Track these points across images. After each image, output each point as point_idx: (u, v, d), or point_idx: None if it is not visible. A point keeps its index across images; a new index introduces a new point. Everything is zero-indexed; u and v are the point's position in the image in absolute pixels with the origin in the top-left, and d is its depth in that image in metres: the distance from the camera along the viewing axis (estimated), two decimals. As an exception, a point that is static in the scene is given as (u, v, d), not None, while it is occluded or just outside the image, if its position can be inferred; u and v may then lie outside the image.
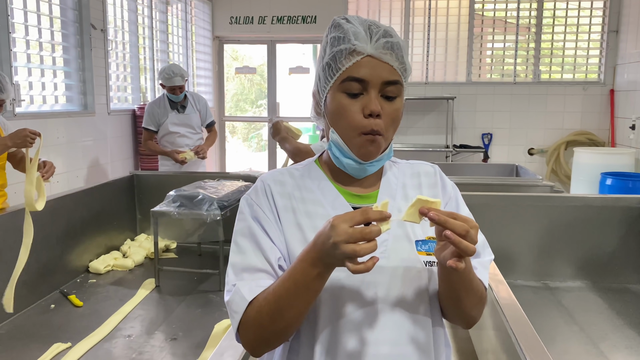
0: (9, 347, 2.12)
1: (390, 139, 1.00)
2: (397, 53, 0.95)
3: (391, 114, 0.96)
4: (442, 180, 1.10)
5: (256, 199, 1.01)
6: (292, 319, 0.89)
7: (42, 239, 2.56)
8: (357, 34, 0.95)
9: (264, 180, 1.04)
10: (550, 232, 2.70)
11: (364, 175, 1.02)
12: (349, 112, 0.95)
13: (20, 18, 3.45)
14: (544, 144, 6.14)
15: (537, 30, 6.12)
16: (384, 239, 0.96)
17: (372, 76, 0.93)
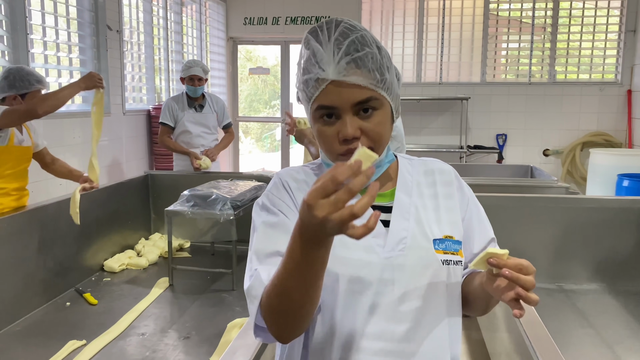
0: (26, 343, 2.15)
1: (381, 148, 0.96)
2: (365, 70, 0.90)
3: (371, 131, 0.92)
4: (458, 180, 1.09)
5: (277, 193, 1.02)
6: (300, 300, 0.83)
7: (59, 238, 2.60)
8: (320, 56, 0.91)
9: (281, 176, 1.05)
10: (565, 234, 2.67)
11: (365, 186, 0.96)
12: (325, 138, 0.94)
13: (38, 20, 3.50)
14: (560, 145, 6.08)
15: (552, 30, 6.06)
16: (402, 236, 0.97)
17: (340, 101, 0.91)
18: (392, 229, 0.98)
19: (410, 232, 0.98)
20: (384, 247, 0.96)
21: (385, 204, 1.01)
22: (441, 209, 1.03)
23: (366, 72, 0.91)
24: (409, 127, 6.31)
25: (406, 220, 0.99)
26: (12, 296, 2.31)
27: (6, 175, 2.50)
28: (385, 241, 0.97)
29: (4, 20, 3.21)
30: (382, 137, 0.95)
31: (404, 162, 1.09)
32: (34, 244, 2.48)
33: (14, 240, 2.35)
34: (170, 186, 3.53)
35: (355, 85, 0.90)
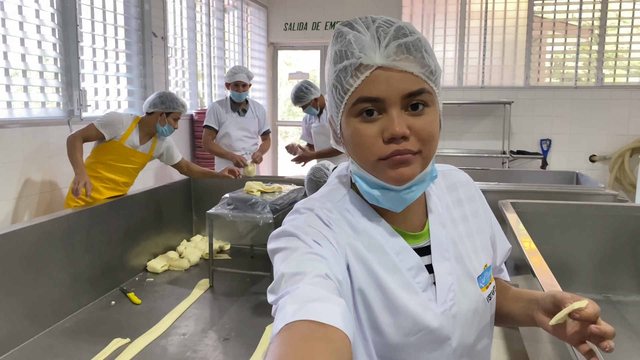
0: (74, 339, 2.23)
1: (430, 156, 0.80)
2: (416, 55, 0.76)
3: (422, 130, 0.77)
4: (477, 189, 0.98)
5: (316, 225, 0.80)
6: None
7: (105, 238, 2.69)
8: (361, 42, 0.76)
9: (318, 214, 0.82)
10: (613, 243, 2.58)
11: (402, 207, 0.82)
12: (365, 138, 0.77)
13: (87, 27, 3.64)
14: (607, 151, 5.88)
15: (600, 32, 5.87)
16: (451, 282, 0.85)
17: (387, 92, 0.75)
18: (438, 276, 0.85)
19: (454, 274, 0.86)
20: (436, 300, 0.83)
21: (422, 244, 0.87)
22: (474, 234, 0.93)
23: (420, 59, 0.76)
24: (449, 131, 6.24)
25: (447, 260, 0.87)
26: (62, 294, 2.40)
27: (106, 163, 2.93)
28: (435, 293, 0.84)
29: (57, 28, 3.35)
30: (434, 139, 0.79)
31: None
32: (82, 244, 2.57)
33: (65, 240, 2.45)
34: (212, 189, 3.60)
35: (406, 73, 0.75)
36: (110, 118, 2.91)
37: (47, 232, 2.34)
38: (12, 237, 2.14)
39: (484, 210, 0.98)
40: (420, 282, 0.83)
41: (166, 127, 3.09)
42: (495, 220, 1.01)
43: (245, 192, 2.97)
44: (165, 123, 3.07)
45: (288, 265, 0.73)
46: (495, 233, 0.99)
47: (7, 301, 2.09)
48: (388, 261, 0.82)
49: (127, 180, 3.05)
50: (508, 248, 1.03)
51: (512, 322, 0.98)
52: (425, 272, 0.84)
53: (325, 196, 0.87)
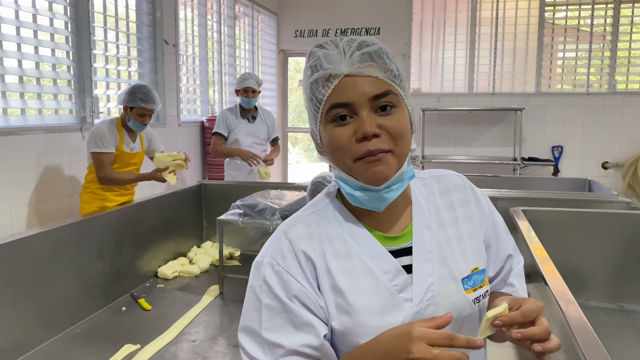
0: (85, 345, 2.24)
1: (403, 155, 0.86)
2: (378, 61, 0.85)
3: (392, 128, 0.83)
4: (474, 193, 1.00)
5: (285, 266, 0.85)
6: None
7: (116, 245, 2.70)
8: (328, 56, 0.85)
9: (290, 239, 0.88)
10: (626, 251, 2.55)
11: (384, 205, 0.87)
12: (340, 140, 0.84)
13: (100, 35, 3.68)
14: (620, 158, 5.82)
15: (612, 37, 5.83)
16: (430, 282, 0.88)
17: (355, 96, 0.82)
18: (416, 276, 0.88)
19: (436, 275, 0.88)
20: (412, 300, 0.86)
21: (404, 245, 0.90)
22: (464, 237, 0.94)
23: (382, 64, 0.85)
24: (460, 138, 6.22)
25: (429, 261, 0.89)
26: (73, 300, 2.42)
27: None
28: (412, 293, 0.87)
29: (70, 37, 3.40)
30: (404, 136, 0.85)
31: (416, 184, 0.97)
32: (93, 250, 2.59)
33: (76, 245, 2.47)
34: (222, 195, 3.61)
35: (372, 77, 0.83)
36: (100, 134, 2.86)
37: (58, 239, 2.36)
38: (24, 244, 2.16)
39: (482, 215, 0.98)
40: (398, 284, 0.87)
41: (132, 123, 2.96)
42: (495, 224, 1.01)
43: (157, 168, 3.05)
44: (130, 118, 2.95)
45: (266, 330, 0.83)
46: (491, 237, 0.99)
47: (18, 307, 2.11)
48: (362, 266, 0.87)
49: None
50: (506, 255, 1.01)
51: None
52: (403, 274, 0.87)
53: (309, 207, 0.94)
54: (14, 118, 3.01)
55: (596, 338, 1.37)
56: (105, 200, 2.96)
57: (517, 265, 1.03)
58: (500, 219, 1.02)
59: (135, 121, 2.95)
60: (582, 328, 1.42)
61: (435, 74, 6.40)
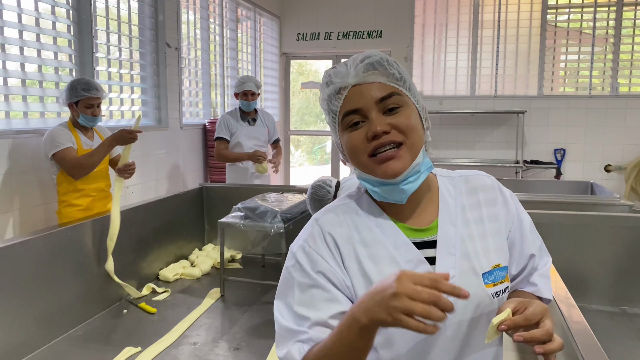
0: (85, 347, 2.24)
1: (416, 145, 0.93)
2: (381, 69, 0.94)
3: (401, 123, 0.92)
4: (502, 194, 1.05)
5: (315, 247, 0.95)
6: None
7: (117, 247, 2.70)
8: (337, 73, 0.95)
9: (321, 225, 0.98)
10: (628, 254, 2.53)
11: (405, 197, 0.95)
12: (355, 142, 0.93)
13: (103, 39, 3.69)
14: (623, 161, 5.80)
15: (615, 40, 5.83)
16: (452, 275, 0.93)
17: (363, 101, 0.92)
18: (438, 268, 0.94)
19: (458, 268, 0.94)
20: None
21: (429, 238, 0.97)
22: (488, 235, 0.99)
23: (383, 71, 0.94)
24: (462, 140, 6.21)
25: (452, 255, 0.95)
26: (74, 302, 2.42)
27: (83, 177, 2.80)
28: None
29: (73, 40, 3.41)
30: (414, 130, 0.93)
31: (445, 183, 1.04)
32: (94, 253, 2.59)
33: (77, 248, 2.47)
34: (224, 198, 3.61)
35: (376, 83, 0.93)
36: (52, 136, 2.72)
37: (60, 241, 2.36)
38: (26, 246, 2.17)
39: (507, 215, 1.03)
40: (420, 270, 0.91)
41: (82, 119, 2.81)
42: (521, 224, 1.05)
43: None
44: (79, 114, 2.80)
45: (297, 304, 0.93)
46: (515, 237, 1.03)
47: (20, 309, 2.11)
48: (386, 254, 0.95)
49: (108, 182, 3.00)
50: (529, 254, 1.04)
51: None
52: (425, 264, 0.94)
53: (341, 199, 1.04)
54: (16, 121, 3.02)
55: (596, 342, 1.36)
56: (87, 209, 2.83)
57: (543, 265, 1.07)
58: (527, 220, 1.06)
59: (84, 115, 2.79)
60: (583, 332, 1.41)
61: (438, 77, 6.40)
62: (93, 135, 2.94)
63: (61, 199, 2.82)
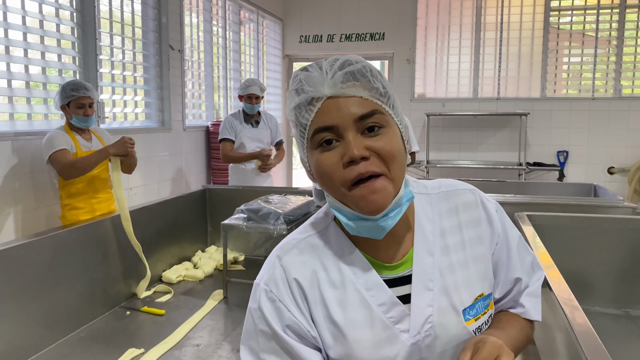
0: (89, 349, 2.24)
1: (398, 178, 0.80)
2: (361, 80, 0.80)
3: (381, 149, 0.78)
4: (486, 209, 0.93)
5: (279, 296, 0.84)
6: None
7: (121, 249, 2.71)
8: (310, 79, 0.80)
9: (284, 266, 0.87)
10: (633, 257, 2.53)
11: (383, 233, 0.82)
12: (327, 167, 0.79)
13: (106, 41, 3.71)
14: (626, 163, 5.79)
15: (618, 42, 5.82)
16: (429, 313, 0.84)
17: (340, 118, 0.78)
18: (414, 307, 0.85)
19: (436, 306, 0.85)
20: (409, 331, 0.84)
21: (404, 273, 0.87)
22: (470, 263, 0.89)
23: (366, 83, 0.80)
24: (465, 142, 6.21)
25: (430, 290, 0.86)
26: (78, 303, 2.42)
27: (86, 179, 2.80)
28: (409, 324, 0.84)
29: (77, 42, 3.42)
30: (396, 158, 0.79)
31: (422, 203, 0.91)
32: (98, 254, 2.59)
33: (81, 250, 2.48)
34: (227, 200, 3.61)
35: (356, 97, 0.79)
36: (50, 139, 2.72)
37: (63, 243, 2.37)
38: (30, 248, 2.17)
39: (492, 233, 0.92)
40: (393, 316, 0.84)
41: (75, 120, 2.79)
42: (508, 244, 0.95)
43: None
44: (72, 115, 2.79)
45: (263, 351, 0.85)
46: (504, 259, 0.94)
47: (23, 310, 2.12)
48: (357, 297, 0.84)
49: (109, 182, 2.98)
50: (513, 279, 0.95)
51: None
52: (399, 306, 0.85)
53: (306, 230, 0.92)
54: (20, 123, 3.04)
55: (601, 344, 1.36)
56: (91, 211, 2.83)
57: (534, 282, 0.98)
58: (515, 237, 0.96)
59: (77, 116, 2.78)
60: (587, 334, 1.41)
61: (440, 79, 6.40)
62: (91, 137, 2.93)
63: (64, 203, 2.81)
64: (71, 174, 2.71)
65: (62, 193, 2.80)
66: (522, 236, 1.01)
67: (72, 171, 2.70)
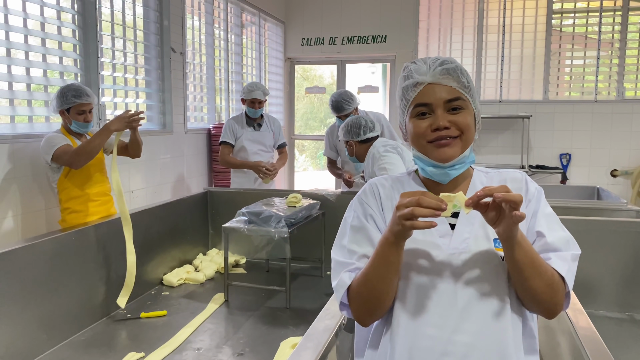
0: (89, 352, 2.23)
1: (468, 141, 1.15)
2: (454, 75, 1.14)
3: (460, 121, 1.13)
4: (527, 184, 1.22)
5: (366, 199, 1.23)
6: (382, 289, 1.10)
7: (121, 252, 2.70)
8: (418, 69, 1.15)
9: (372, 183, 1.26)
10: (636, 260, 2.51)
11: (448, 178, 1.17)
12: (420, 128, 1.14)
13: (108, 43, 3.70)
14: (629, 166, 5.77)
15: (621, 45, 5.80)
16: (465, 237, 1.14)
17: (434, 98, 1.13)
18: (456, 231, 1.15)
19: (473, 233, 1.14)
20: (449, 245, 1.14)
21: (455, 210, 1.10)
22: None
23: (456, 78, 1.14)
24: (467, 146, 6.20)
25: (471, 224, 1.15)
26: (78, 307, 2.42)
27: (82, 182, 2.77)
28: (450, 240, 1.14)
29: (78, 45, 3.42)
30: (469, 129, 1.14)
31: (479, 174, 1.25)
32: (98, 258, 2.58)
33: (82, 253, 2.47)
34: (228, 203, 3.61)
35: (447, 86, 1.13)
36: (52, 138, 2.71)
37: (63, 246, 2.36)
38: (30, 250, 2.16)
39: (528, 201, 1.19)
40: (440, 230, 1.15)
41: (74, 125, 2.78)
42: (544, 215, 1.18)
43: None
44: (71, 121, 2.77)
45: (349, 241, 1.21)
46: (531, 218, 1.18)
47: (24, 314, 2.11)
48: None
49: (107, 185, 2.97)
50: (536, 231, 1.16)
51: (512, 264, 1.08)
52: (445, 225, 1.16)
53: (396, 174, 1.31)
54: (21, 125, 3.03)
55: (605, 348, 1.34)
56: (91, 214, 2.80)
57: (566, 250, 1.15)
58: (547, 212, 1.19)
59: (76, 122, 2.76)
60: (592, 338, 1.40)
61: (442, 82, 6.38)
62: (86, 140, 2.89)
63: (64, 207, 2.80)
64: (81, 160, 2.67)
65: (62, 197, 2.79)
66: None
67: (81, 157, 2.66)
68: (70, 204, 2.78)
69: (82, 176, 2.80)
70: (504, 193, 0.97)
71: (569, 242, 1.16)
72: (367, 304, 1.12)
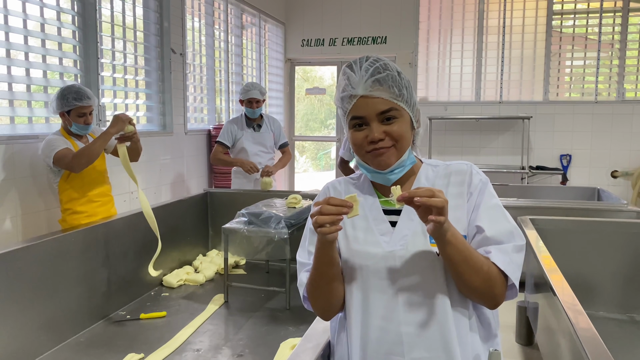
0: (88, 353, 2.23)
1: (403, 148, 1.19)
2: (386, 86, 1.16)
3: (394, 132, 1.17)
4: (471, 177, 1.24)
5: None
6: (324, 287, 1.21)
7: (122, 253, 2.70)
8: (351, 79, 1.17)
9: (327, 186, 1.35)
10: (637, 261, 2.50)
11: (389, 182, 1.21)
12: (357, 140, 1.19)
13: (108, 44, 3.70)
14: (629, 166, 5.77)
15: (621, 46, 5.80)
16: (404, 234, 1.20)
17: (367, 112, 1.16)
18: (397, 229, 1.21)
19: (412, 230, 1.19)
20: (389, 243, 1.20)
21: (398, 207, 1.22)
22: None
23: (387, 88, 1.16)
24: (467, 146, 6.19)
25: (411, 220, 1.20)
26: (78, 308, 2.41)
27: (81, 184, 2.77)
28: (391, 238, 1.20)
29: (78, 46, 3.42)
30: (403, 138, 1.18)
31: (427, 169, 1.28)
32: (99, 259, 2.58)
33: (82, 254, 2.47)
34: (228, 204, 3.60)
35: (379, 98, 1.15)
36: (52, 140, 2.71)
37: (64, 246, 2.36)
38: (30, 251, 2.16)
39: (469, 194, 1.22)
40: (381, 229, 1.22)
41: (74, 127, 2.78)
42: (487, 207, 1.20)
43: None
44: (71, 123, 2.76)
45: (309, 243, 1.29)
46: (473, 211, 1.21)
47: (23, 315, 2.10)
48: (362, 212, 1.23)
49: (108, 186, 2.98)
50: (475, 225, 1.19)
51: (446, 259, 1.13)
52: (386, 224, 1.23)
53: (348, 177, 1.36)
54: (21, 126, 3.03)
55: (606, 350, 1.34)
56: (92, 215, 2.81)
57: (507, 242, 1.17)
58: (491, 203, 1.21)
59: (77, 124, 2.76)
60: (592, 339, 1.39)
61: (442, 83, 6.39)
62: (88, 140, 2.90)
63: (65, 207, 2.80)
64: (81, 164, 2.66)
65: (63, 197, 2.79)
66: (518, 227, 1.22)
67: (82, 160, 2.65)
68: (71, 205, 2.78)
69: (83, 177, 2.80)
70: (425, 198, 1.01)
71: (513, 234, 1.18)
72: (318, 300, 1.24)
